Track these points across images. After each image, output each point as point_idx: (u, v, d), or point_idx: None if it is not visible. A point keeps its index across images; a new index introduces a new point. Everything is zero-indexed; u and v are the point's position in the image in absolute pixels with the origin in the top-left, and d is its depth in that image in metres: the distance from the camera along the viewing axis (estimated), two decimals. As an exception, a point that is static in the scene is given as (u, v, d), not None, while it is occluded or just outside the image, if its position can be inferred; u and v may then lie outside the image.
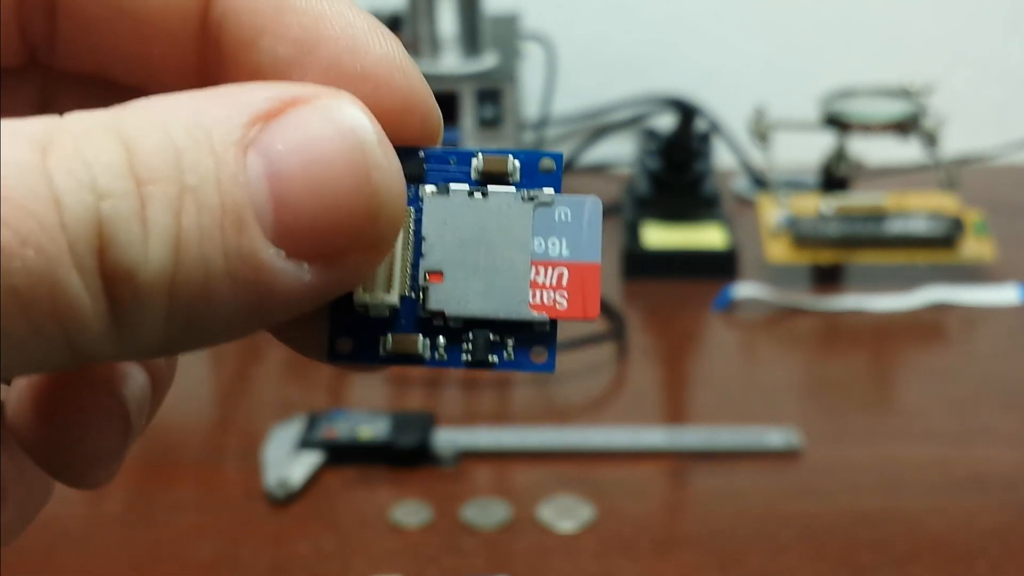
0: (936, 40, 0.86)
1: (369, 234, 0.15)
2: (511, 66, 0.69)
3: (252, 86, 0.16)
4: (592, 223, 0.17)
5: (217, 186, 0.14)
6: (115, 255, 0.14)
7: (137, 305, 0.14)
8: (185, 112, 0.15)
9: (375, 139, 0.16)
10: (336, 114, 0.15)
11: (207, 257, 0.14)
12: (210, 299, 0.15)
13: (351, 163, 0.15)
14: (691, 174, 0.71)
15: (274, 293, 0.15)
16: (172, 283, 0.14)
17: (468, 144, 0.67)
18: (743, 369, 0.60)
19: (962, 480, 0.49)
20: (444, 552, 0.45)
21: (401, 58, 0.17)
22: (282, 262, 0.15)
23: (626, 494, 0.49)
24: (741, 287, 0.64)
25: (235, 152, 0.15)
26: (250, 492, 0.49)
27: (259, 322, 0.15)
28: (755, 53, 0.86)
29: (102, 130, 0.14)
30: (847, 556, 0.44)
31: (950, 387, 0.56)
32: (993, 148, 0.80)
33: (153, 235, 0.14)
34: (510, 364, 0.17)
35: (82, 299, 0.14)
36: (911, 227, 0.66)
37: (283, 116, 0.15)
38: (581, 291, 0.17)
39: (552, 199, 0.17)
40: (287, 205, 0.15)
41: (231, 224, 0.14)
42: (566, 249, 0.17)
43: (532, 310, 0.17)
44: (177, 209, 0.14)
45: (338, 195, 0.15)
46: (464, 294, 0.17)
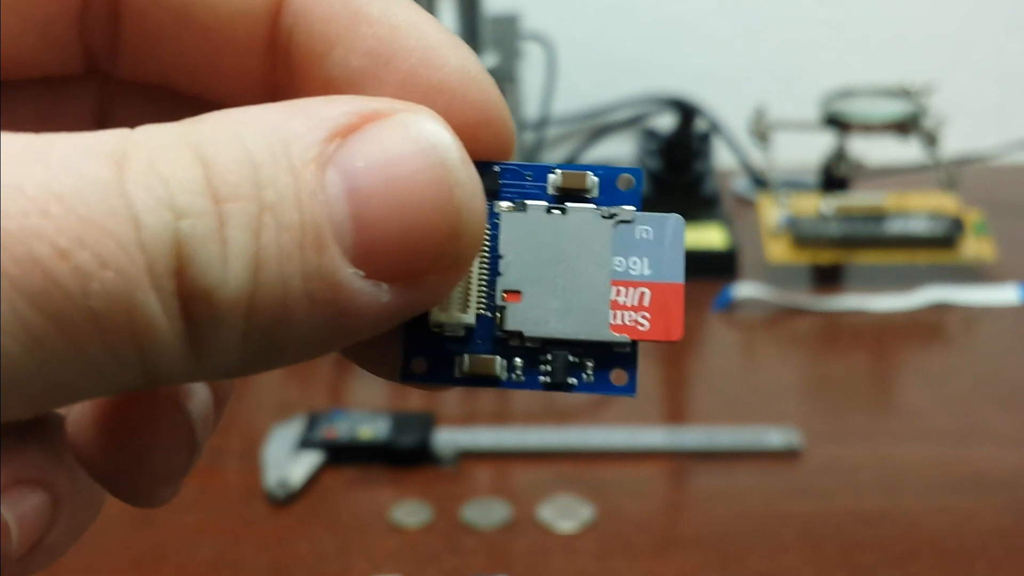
0: (936, 40, 0.86)
1: (450, 254, 0.15)
2: (511, 66, 0.69)
3: (329, 100, 0.15)
4: (675, 242, 0.17)
5: (296, 204, 0.14)
6: (194, 275, 0.13)
7: (215, 326, 0.14)
8: (262, 126, 0.14)
9: (458, 156, 0.15)
10: (416, 130, 0.15)
11: (286, 277, 0.14)
12: (288, 320, 0.14)
13: (433, 180, 0.15)
14: (691, 174, 0.71)
15: (352, 313, 0.15)
16: (250, 303, 0.14)
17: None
18: (743, 369, 0.60)
19: (962, 480, 0.49)
20: (444, 552, 0.45)
21: (477, 71, 0.17)
22: (360, 282, 0.15)
23: (626, 494, 0.49)
24: (741, 287, 0.64)
25: (314, 169, 0.14)
26: (250, 492, 0.49)
27: (336, 342, 0.15)
28: (755, 53, 0.86)
29: (177, 144, 0.14)
30: (847, 556, 0.44)
31: (950, 387, 0.56)
32: (993, 148, 0.80)
33: (232, 255, 0.14)
34: (590, 387, 0.17)
35: (159, 321, 0.13)
36: (911, 227, 0.66)
37: (362, 132, 0.15)
38: (664, 312, 0.17)
39: (633, 216, 0.17)
40: (367, 224, 0.14)
41: (311, 243, 0.14)
42: (648, 268, 0.17)
43: (613, 331, 0.17)
44: (256, 228, 0.14)
45: (420, 214, 0.15)
46: (542, 314, 0.17)
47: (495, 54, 0.70)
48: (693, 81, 0.82)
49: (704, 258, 0.67)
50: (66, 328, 0.13)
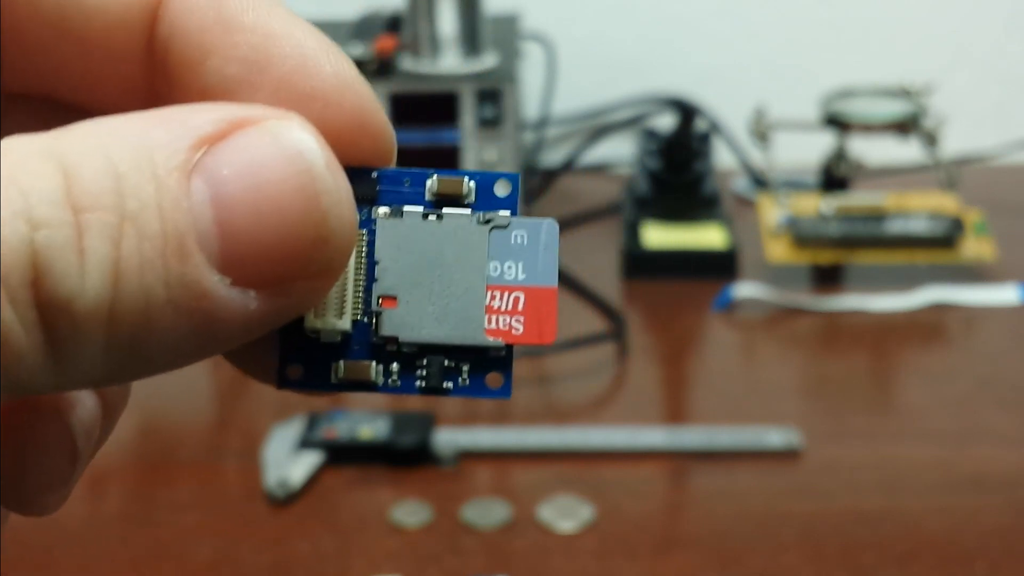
0: (936, 40, 0.86)
1: (318, 261, 0.15)
2: (511, 66, 0.69)
3: (197, 107, 0.15)
4: (548, 246, 0.17)
5: (159, 212, 0.14)
6: (51, 285, 0.13)
7: (75, 336, 0.14)
8: (128, 135, 0.14)
9: (323, 162, 0.15)
10: (283, 136, 0.15)
11: (148, 286, 0.14)
12: (151, 328, 0.14)
13: (299, 187, 0.15)
14: (691, 174, 0.71)
15: (219, 322, 0.15)
16: (111, 313, 0.14)
17: (468, 144, 0.67)
18: (743, 369, 0.60)
19: (962, 480, 0.49)
20: (444, 552, 0.45)
21: (352, 77, 0.17)
22: (227, 290, 0.14)
23: (626, 494, 0.49)
24: (741, 287, 0.64)
25: (178, 177, 0.14)
26: (250, 492, 0.49)
27: (205, 350, 0.15)
28: (755, 53, 0.86)
29: (40, 156, 0.14)
30: (847, 556, 0.44)
31: (950, 387, 0.56)
32: (993, 148, 0.80)
33: (90, 265, 0.14)
34: (465, 390, 0.17)
35: (15, 331, 0.13)
36: (911, 227, 0.66)
37: (229, 139, 0.15)
38: (537, 316, 0.17)
39: (508, 222, 0.17)
40: (232, 232, 0.14)
41: (173, 252, 0.14)
42: (522, 273, 0.17)
43: (487, 335, 0.17)
44: (116, 237, 0.14)
45: (286, 221, 0.15)
46: (418, 319, 0.17)
47: (495, 54, 0.70)
48: (693, 81, 0.82)
49: (704, 258, 0.67)
50: None
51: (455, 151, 0.67)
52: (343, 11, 0.81)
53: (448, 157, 0.67)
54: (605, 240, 0.71)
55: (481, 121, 0.66)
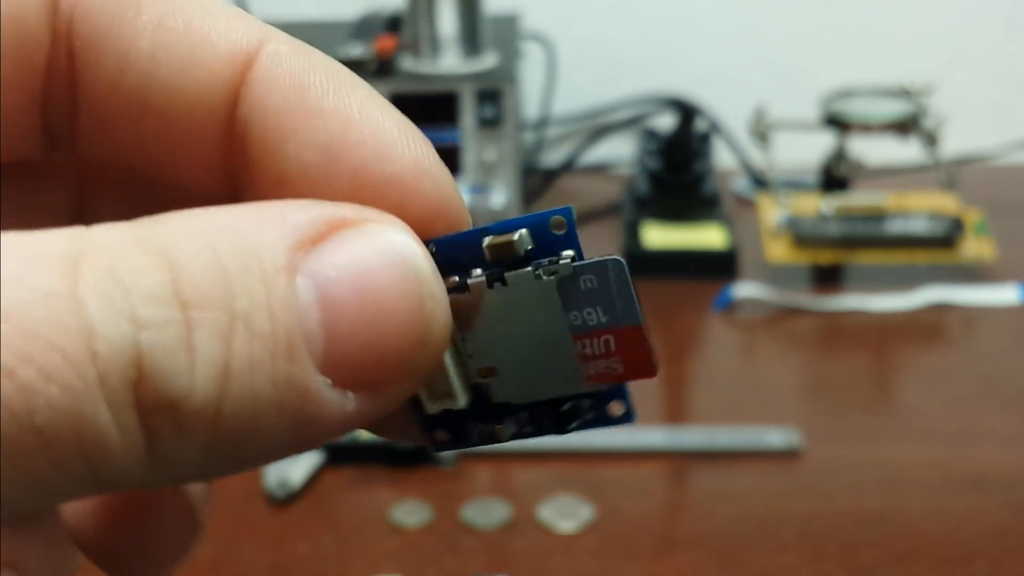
0: (936, 40, 0.86)
1: (417, 364, 0.15)
2: (511, 66, 0.69)
3: (295, 205, 0.15)
4: (621, 284, 0.16)
5: (269, 312, 0.14)
6: (157, 386, 0.13)
7: (178, 437, 0.14)
8: (232, 233, 0.14)
9: (428, 269, 0.15)
10: (385, 241, 0.15)
11: (256, 386, 0.14)
12: (255, 428, 0.14)
13: (405, 294, 0.15)
14: (691, 174, 0.71)
15: (318, 422, 0.15)
16: (217, 413, 0.14)
17: (468, 144, 0.67)
18: (743, 369, 0.60)
19: (962, 480, 0.49)
20: (444, 552, 0.45)
21: (431, 163, 0.17)
22: (328, 391, 0.14)
23: (626, 494, 0.49)
24: (741, 287, 0.64)
25: (286, 278, 0.14)
26: (250, 492, 0.49)
27: (297, 449, 0.15)
28: (755, 53, 0.86)
29: (140, 247, 0.13)
30: (847, 556, 0.44)
31: (950, 387, 0.56)
32: (993, 148, 0.80)
33: (200, 363, 0.13)
34: (591, 424, 0.17)
35: (111, 435, 0.13)
36: (911, 227, 0.66)
37: (330, 240, 0.15)
38: (632, 354, 0.16)
39: (571, 270, 0.16)
40: (338, 334, 0.14)
41: (282, 352, 0.14)
42: (604, 316, 0.16)
43: (591, 383, 0.17)
44: (227, 336, 0.13)
45: (392, 326, 0.15)
46: (521, 384, 0.17)
47: (495, 54, 0.70)
48: (693, 81, 0.82)
49: (704, 258, 0.67)
50: (10, 447, 0.12)
51: (455, 151, 0.67)
52: (343, 11, 0.81)
53: (448, 157, 0.67)
54: (605, 240, 0.71)
55: (481, 121, 0.66)
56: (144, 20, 0.16)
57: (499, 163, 0.66)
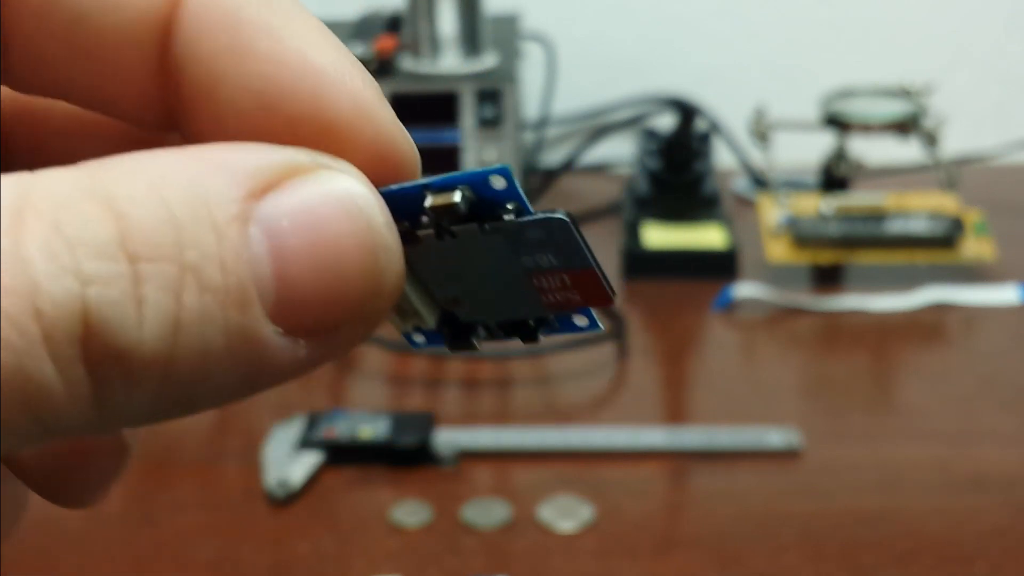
0: (936, 40, 0.86)
1: (370, 311, 0.15)
2: (511, 66, 0.69)
3: (246, 149, 0.15)
4: (567, 239, 0.16)
5: (221, 264, 0.14)
6: (105, 340, 0.13)
7: (127, 387, 0.13)
8: (180, 179, 0.14)
9: (383, 219, 0.15)
10: (340, 188, 0.15)
11: (207, 337, 0.14)
12: (205, 377, 0.14)
13: (359, 243, 0.15)
14: (691, 174, 0.71)
15: (268, 368, 0.15)
16: (168, 364, 0.14)
17: (468, 144, 0.67)
18: (743, 369, 0.60)
19: (962, 480, 0.49)
20: (444, 552, 0.45)
21: (371, 106, 0.16)
22: (278, 339, 0.14)
23: (626, 494, 0.49)
24: (741, 287, 0.64)
25: (238, 227, 0.14)
26: (250, 492, 0.49)
27: (246, 394, 0.15)
28: (755, 53, 0.86)
29: (87, 195, 0.13)
30: (847, 556, 0.44)
31: (950, 387, 0.56)
32: (993, 148, 0.80)
33: (149, 317, 0.13)
34: (558, 330, 0.18)
35: (57, 389, 0.13)
36: (911, 227, 0.66)
37: (283, 188, 0.14)
38: (588, 289, 0.17)
39: (516, 225, 0.16)
40: (290, 283, 0.14)
41: (234, 303, 0.14)
42: (555, 259, 0.16)
43: (550, 309, 0.17)
44: (177, 289, 0.13)
45: (345, 277, 0.15)
46: (487, 310, 0.17)
47: (495, 54, 0.70)
48: (693, 81, 0.82)
49: (704, 258, 0.67)
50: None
51: (455, 151, 0.67)
52: (343, 11, 0.81)
53: (448, 157, 0.67)
54: (605, 240, 0.71)
55: (481, 121, 0.66)
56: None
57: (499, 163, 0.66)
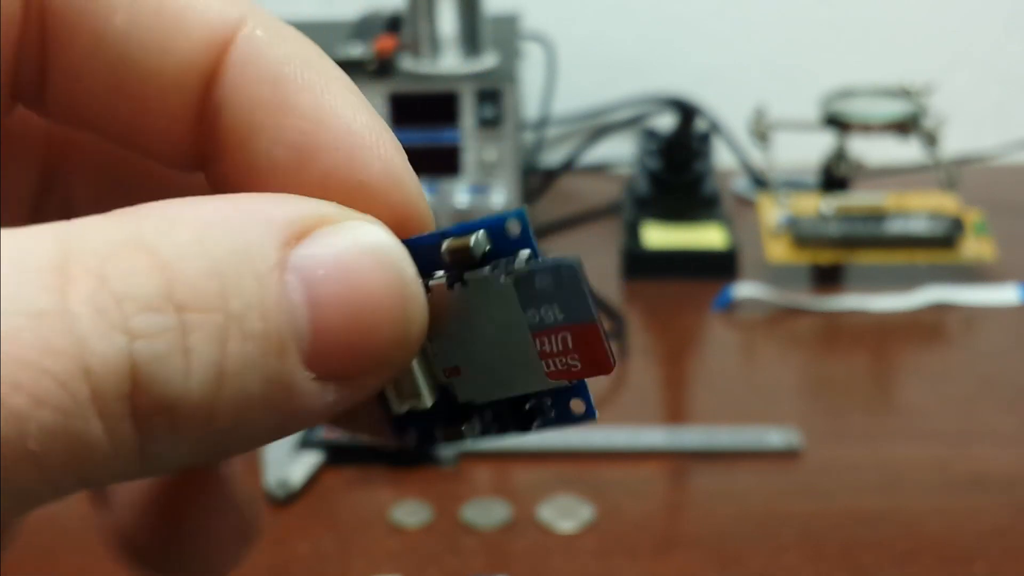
0: (936, 40, 0.86)
1: (395, 360, 0.16)
2: (511, 66, 0.69)
3: (278, 200, 0.15)
4: (574, 287, 0.16)
5: (262, 312, 0.14)
6: (153, 393, 0.13)
7: (171, 438, 0.14)
8: (220, 229, 0.14)
9: (410, 269, 0.15)
10: (370, 240, 0.15)
11: (247, 384, 0.14)
12: (244, 424, 0.14)
13: (390, 293, 0.15)
14: (691, 174, 0.71)
15: (299, 414, 0.15)
16: (211, 413, 0.14)
17: (468, 144, 0.67)
18: (743, 369, 0.60)
19: (962, 480, 0.49)
20: (444, 552, 0.45)
21: (400, 172, 0.17)
22: (311, 384, 0.15)
23: (626, 494, 0.49)
24: (741, 287, 0.64)
25: (278, 276, 0.14)
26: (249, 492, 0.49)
27: (276, 437, 0.15)
28: (755, 53, 0.86)
29: (130, 247, 0.13)
30: (847, 556, 0.44)
31: (950, 387, 0.56)
32: (993, 148, 0.80)
33: (195, 367, 0.13)
34: (553, 422, 0.17)
35: (103, 445, 0.13)
36: (911, 227, 0.66)
37: (315, 236, 0.15)
38: (588, 350, 0.17)
39: (527, 270, 0.16)
40: (325, 331, 0.15)
41: (274, 351, 0.14)
42: (560, 314, 0.16)
43: (551, 379, 0.17)
44: (223, 338, 0.14)
45: (376, 324, 0.15)
46: (485, 382, 0.17)
47: (495, 54, 0.70)
48: (693, 81, 0.82)
49: (704, 258, 0.67)
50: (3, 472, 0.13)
51: (455, 151, 0.67)
52: (343, 11, 0.81)
53: (448, 157, 0.67)
54: (605, 240, 0.71)
55: (481, 121, 0.66)
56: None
57: (499, 163, 0.66)
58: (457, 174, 0.66)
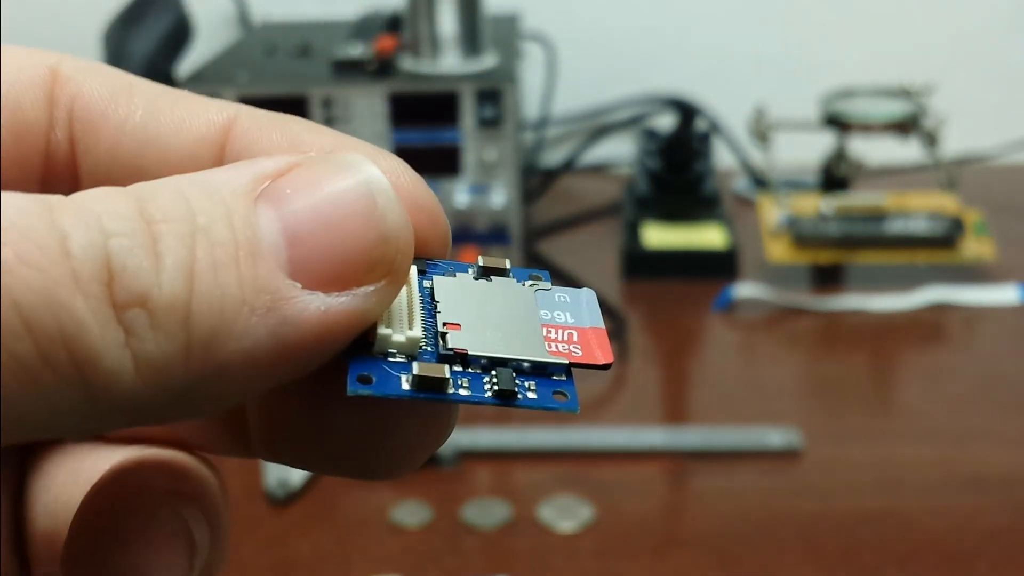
0: (936, 40, 0.86)
1: (382, 259, 0.16)
2: (511, 66, 0.69)
3: (260, 158, 0.16)
4: (591, 304, 0.18)
5: (229, 224, 0.15)
6: (126, 283, 0.14)
7: (154, 335, 0.14)
8: (197, 176, 0.16)
9: (376, 169, 0.16)
10: (339, 159, 0.16)
11: (222, 284, 0.15)
12: (229, 329, 0.15)
13: (357, 193, 0.16)
14: (691, 174, 0.71)
15: (296, 322, 0.15)
16: (188, 310, 0.14)
17: (468, 144, 0.67)
18: (743, 369, 0.60)
19: (962, 480, 0.49)
20: (444, 552, 0.45)
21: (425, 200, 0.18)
22: (299, 291, 0.15)
23: (626, 494, 0.49)
24: (741, 287, 0.64)
25: (245, 200, 0.15)
26: (250, 492, 0.49)
27: (284, 362, 0.15)
28: (755, 53, 0.86)
29: (112, 190, 0.15)
30: (847, 556, 0.44)
31: (950, 387, 0.56)
32: (993, 148, 0.80)
33: (165, 264, 0.14)
34: (533, 402, 0.18)
35: (90, 326, 0.14)
36: (911, 227, 0.66)
37: (290, 172, 0.16)
38: (591, 344, 0.18)
39: (550, 286, 0.19)
40: (299, 239, 0.15)
41: (245, 256, 0.15)
42: (571, 318, 0.18)
43: (551, 355, 0.18)
44: (190, 244, 0.15)
45: (346, 223, 0.16)
46: (483, 338, 0.18)
47: (495, 54, 0.70)
48: (693, 81, 0.82)
49: (704, 258, 0.67)
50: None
51: (455, 151, 0.67)
52: (343, 11, 0.81)
53: (448, 157, 0.67)
54: (605, 240, 0.71)
55: (481, 121, 0.66)
56: (137, 100, 0.18)
57: (499, 163, 0.66)
58: (457, 174, 0.66)
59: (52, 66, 0.18)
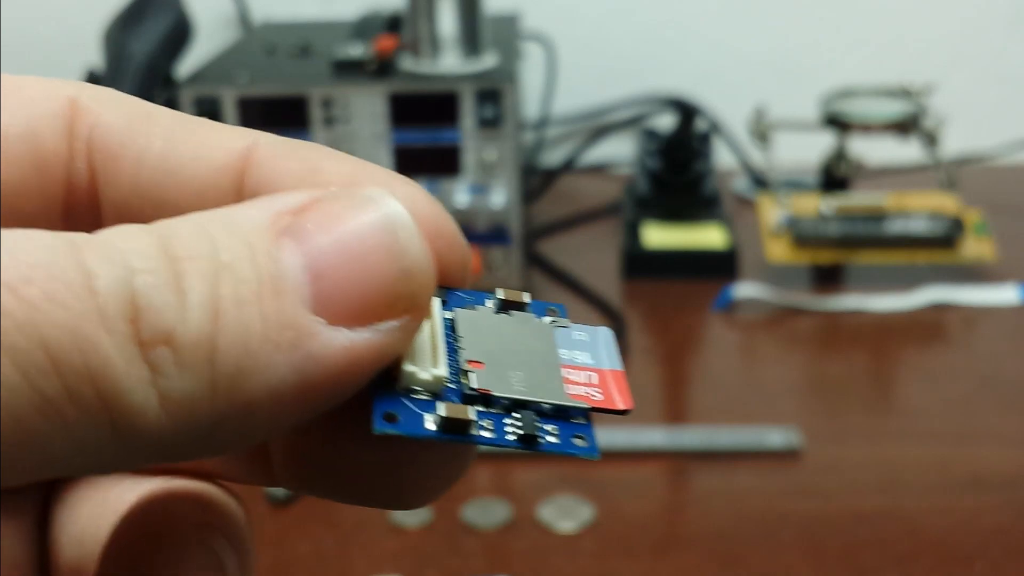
0: (936, 40, 0.86)
1: (404, 294, 0.16)
2: (511, 66, 0.69)
3: (282, 192, 0.16)
4: (608, 346, 0.19)
5: (252, 261, 0.15)
6: (151, 320, 0.14)
7: (180, 372, 0.14)
8: (218, 212, 0.16)
9: (398, 203, 0.16)
10: (360, 194, 0.16)
11: (247, 322, 0.15)
12: (255, 366, 0.15)
13: (378, 227, 0.16)
14: (691, 174, 0.71)
15: (319, 358, 0.15)
16: (213, 347, 0.14)
17: (468, 144, 0.67)
18: (743, 369, 0.60)
19: (962, 480, 0.49)
20: (444, 552, 0.45)
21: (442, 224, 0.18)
22: (325, 328, 0.15)
23: (626, 494, 0.49)
24: (741, 287, 0.64)
25: (267, 237, 0.15)
26: (250, 492, 0.49)
27: (308, 397, 0.15)
28: (755, 53, 0.86)
29: (136, 228, 0.15)
30: (847, 556, 0.44)
31: (950, 387, 0.56)
32: (993, 148, 0.80)
33: (190, 301, 0.14)
34: (555, 447, 0.18)
35: (116, 362, 0.14)
36: (911, 227, 0.66)
37: (311, 207, 0.16)
38: (611, 388, 0.18)
39: (568, 324, 0.19)
40: (322, 275, 0.15)
41: (268, 292, 0.15)
42: (590, 359, 0.18)
43: (571, 399, 0.18)
44: (214, 281, 0.15)
45: (367, 258, 0.16)
46: (505, 379, 0.18)
47: (495, 54, 0.70)
48: (693, 81, 0.82)
49: (704, 258, 0.67)
50: (15, 354, 0.13)
51: (455, 151, 0.67)
52: (343, 11, 0.81)
53: (448, 157, 0.67)
54: (605, 240, 0.71)
55: (481, 121, 0.66)
56: (157, 130, 0.18)
57: (499, 163, 0.66)
58: (457, 174, 0.66)
59: (71, 96, 0.19)
